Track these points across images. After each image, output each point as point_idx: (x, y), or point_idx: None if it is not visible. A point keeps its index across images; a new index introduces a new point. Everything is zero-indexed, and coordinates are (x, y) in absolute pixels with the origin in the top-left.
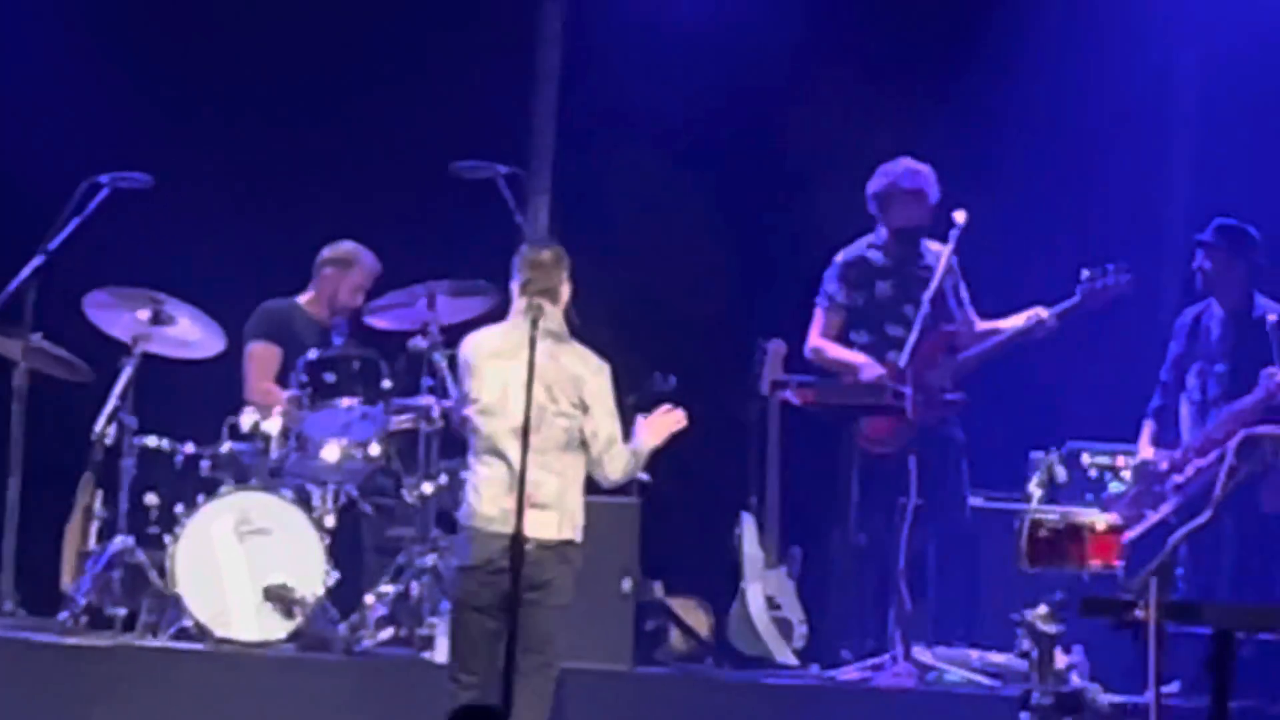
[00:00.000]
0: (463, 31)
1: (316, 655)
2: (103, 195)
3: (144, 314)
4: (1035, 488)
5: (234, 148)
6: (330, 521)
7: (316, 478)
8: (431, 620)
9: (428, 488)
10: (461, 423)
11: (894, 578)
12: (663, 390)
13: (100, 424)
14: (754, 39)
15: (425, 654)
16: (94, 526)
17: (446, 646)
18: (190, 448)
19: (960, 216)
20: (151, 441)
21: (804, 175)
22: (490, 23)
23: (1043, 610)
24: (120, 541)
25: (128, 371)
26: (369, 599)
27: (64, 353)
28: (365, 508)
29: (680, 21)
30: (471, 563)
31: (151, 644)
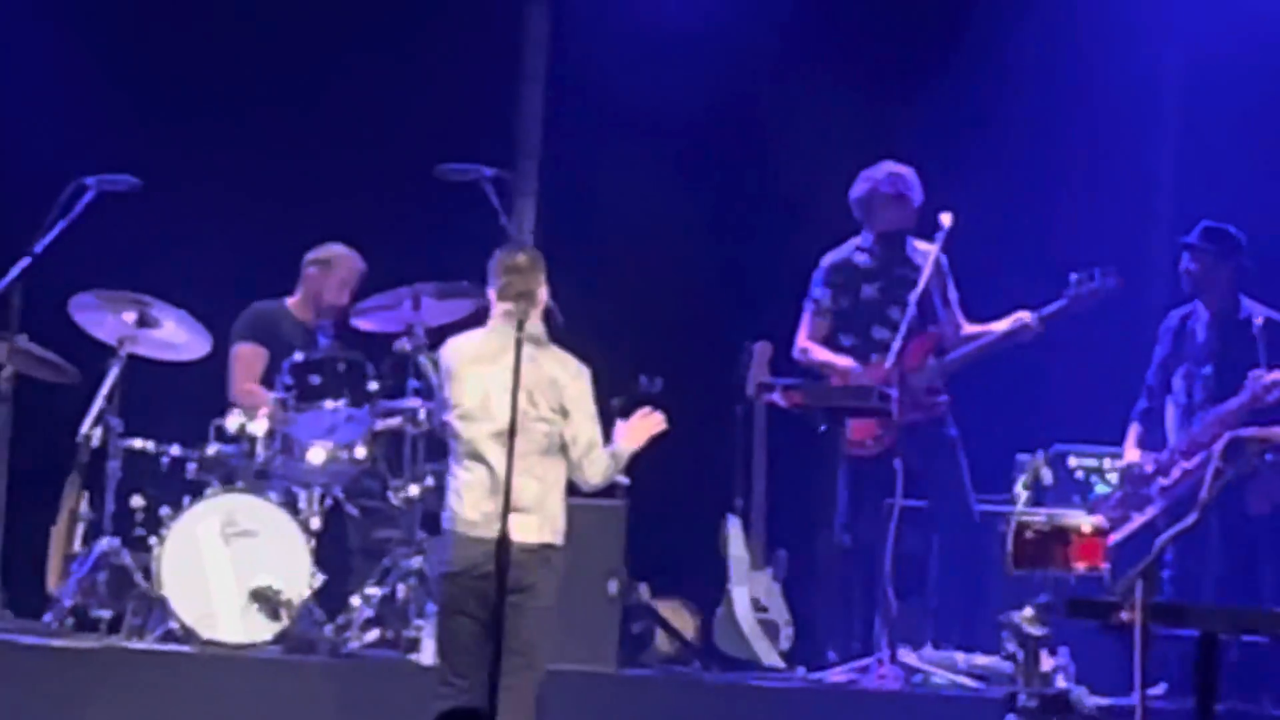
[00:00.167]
0: (449, 33)
1: (302, 657)
2: (89, 197)
3: (130, 316)
4: (1021, 490)
5: (220, 150)
6: (316, 524)
7: (302, 480)
8: (417, 622)
9: (414, 490)
10: (442, 428)
11: (880, 580)
12: (648, 392)
13: (86, 426)
14: (740, 41)
15: (411, 656)
16: (80, 528)
17: (433, 649)
18: (176, 450)
19: (946, 219)
20: (137, 444)
21: (790, 177)
22: (476, 25)
23: (1028, 612)
24: (106, 543)
25: (113, 374)
26: (355, 601)
27: (50, 355)
28: (351, 510)
29: (667, 23)
30: (455, 568)
31: (137, 646)
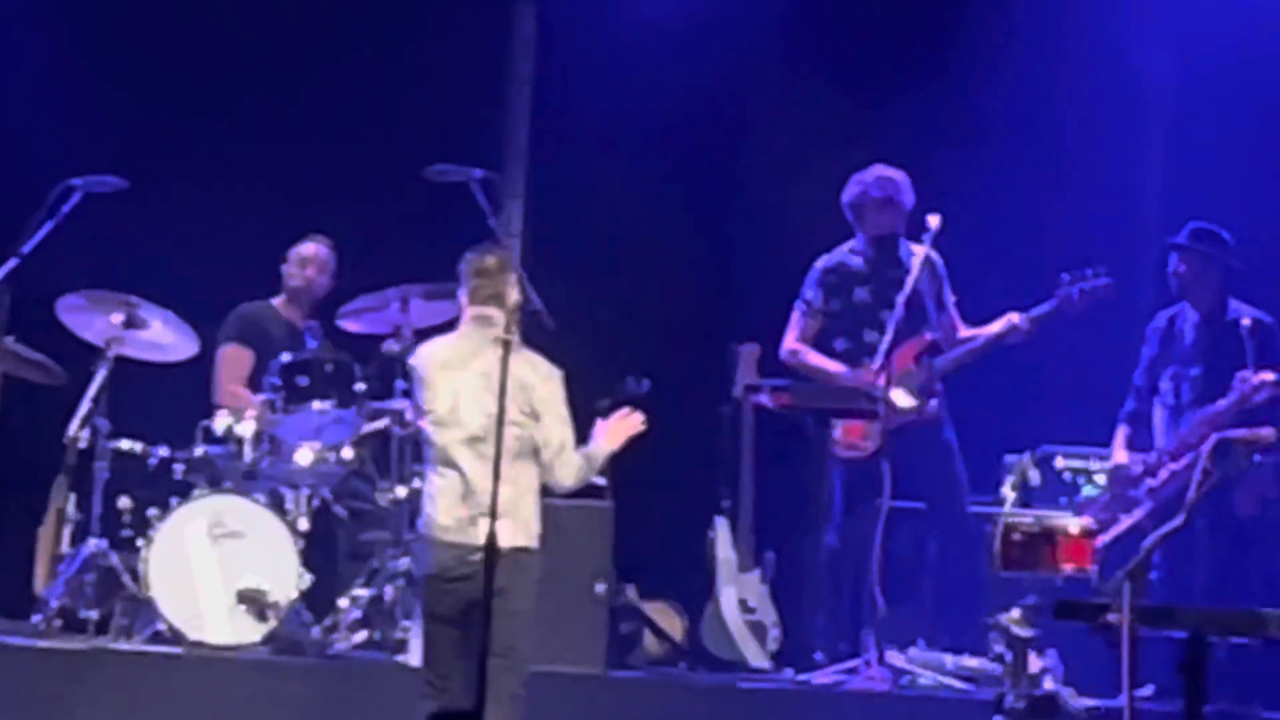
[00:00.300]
0: (437, 35)
1: (290, 659)
2: (76, 199)
3: (117, 317)
4: (1009, 491)
5: (208, 151)
6: (304, 525)
7: (290, 481)
8: (405, 624)
9: (401, 491)
10: (416, 433)
11: (868, 581)
12: (636, 394)
13: (73, 427)
14: (728, 43)
15: (399, 657)
16: (67, 530)
17: (420, 650)
18: (164, 451)
19: (934, 220)
20: (125, 445)
21: (778, 178)
22: (464, 26)
23: (1016, 614)
24: (93, 545)
25: (101, 375)
26: (342, 602)
27: (37, 356)
28: (339, 511)
29: (654, 25)
30: (430, 571)
31: (125, 647)
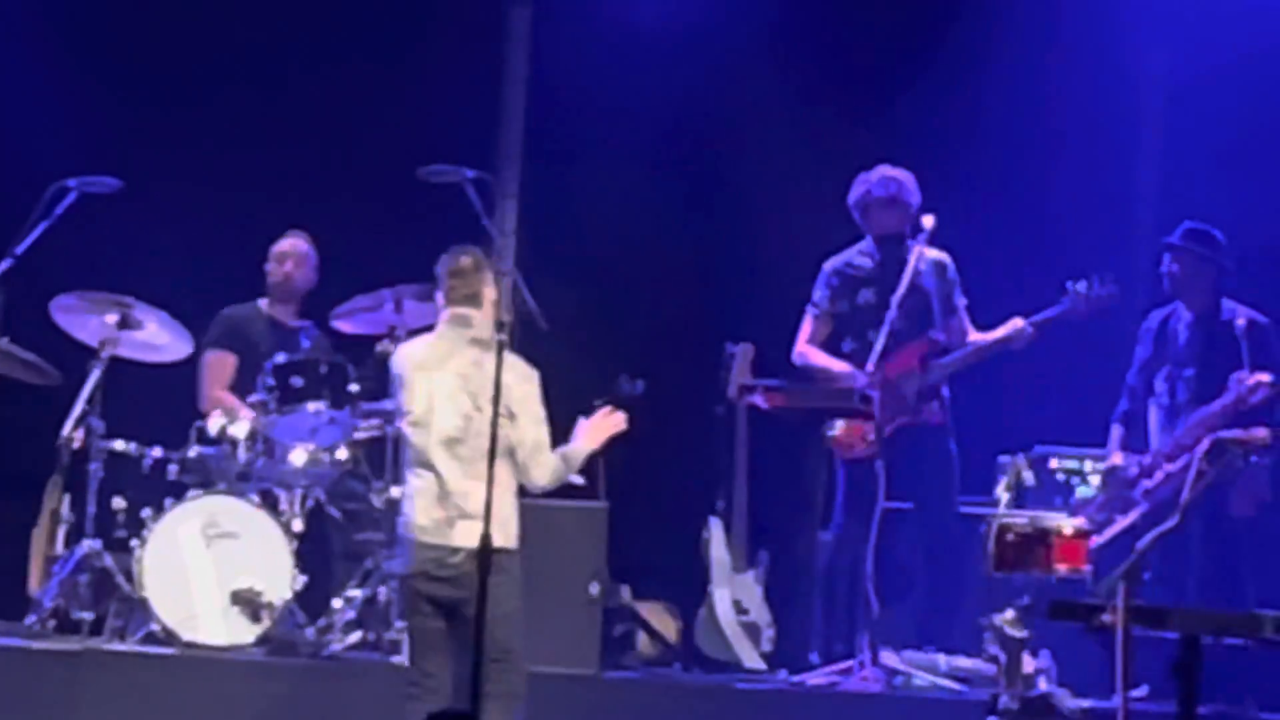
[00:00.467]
0: (430, 35)
1: (284, 659)
2: (70, 199)
3: (111, 318)
4: (1003, 492)
5: (201, 152)
6: (298, 526)
7: (284, 482)
8: (399, 625)
9: (395, 492)
10: (397, 433)
11: (857, 582)
12: (630, 394)
13: (67, 428)
14: (722, 43)
15: (393, 658)
16: (61, 530)
17: None
18: (158, 452)
19: (929, 221)
20: (119, 445)
21: (772, 178)
22: (458, 27)
23: (1010, 615)
24: (87, 545)
25: (95, 375)
26: (336, 603)
27: (31, 356)
28: (333, 512)
29: (648, 24)
30: (409, 572)
31: (119, 648)
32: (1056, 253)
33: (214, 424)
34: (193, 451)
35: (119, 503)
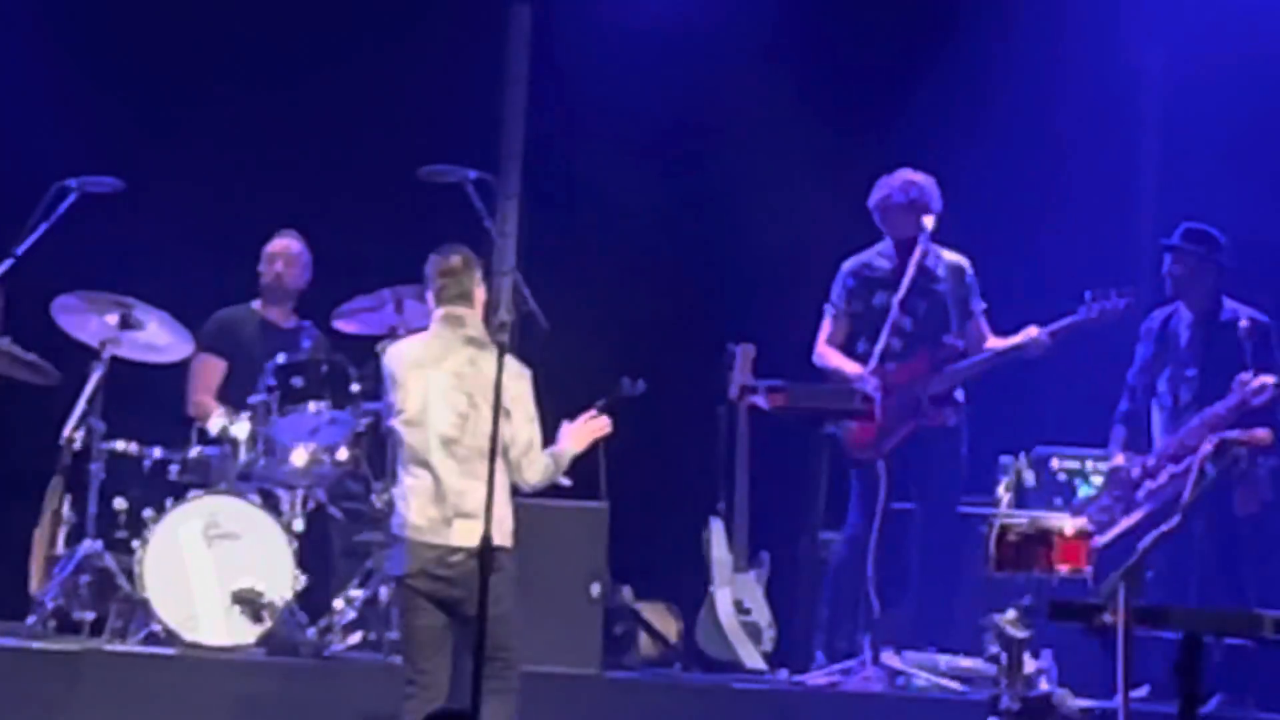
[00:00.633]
0: (431, 35)
1: (285, 660)
2: (71, 199)
3: (112, 318)
4: (1003, 492)
5: (202, 152)
6: (299, 526)
7: (285, 482)
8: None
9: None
10: (389, 433)
11: (863, 583)
12: (631, 394)
13: (68, 428)
14: (724, 43)
15: (394, 658)
16: (62, 531)
17: None
18: (158, 452)
19: (929, 220)
20: (120, 446)
21: (774, 178)
22: (460, 26)
23: (1011, 615)
24: (88, 546)
25: (96, 376)
26: (338, 603)
27: (32, 356)
28: (334, 512)
29: (649, 24)
30: (407, 571)
31: (120, 648)
32: (1055, 252)
33: (215, 424)
34: (194, 452)
35: (120, 503)
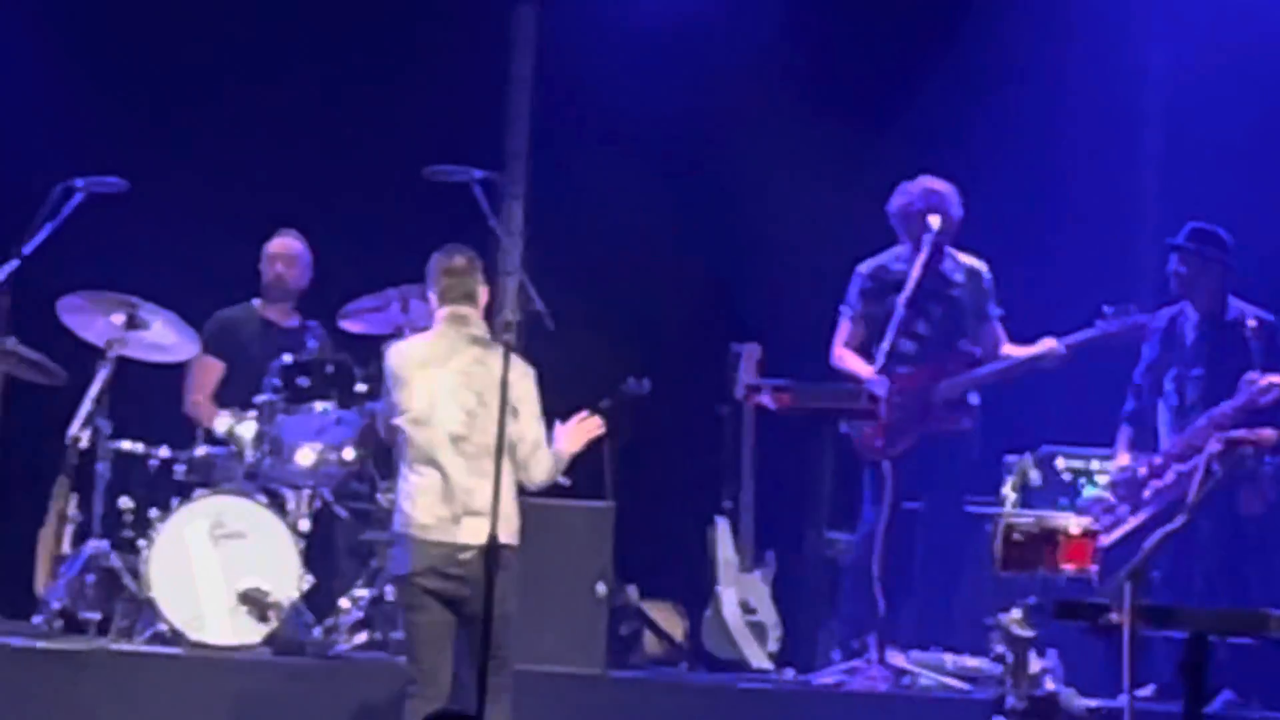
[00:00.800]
0: (437, 35)
1: (291, 659)
2: (77, 199)
3: (118, 318)
4: (1009, 491)
5: (208, 151)
6: (305, 525)
7: (291, 481)
8: None
9: None
10: (389, 432)
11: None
12: (637, 394)
13: (75, 428)
14: (728, 43)
15: (400, 658)
16: (68, 530)
17: None
18: (165, 451)
19: (935, 220)
20: (126, 445)
21: (779, 178)
22: (465, 26)
23: (1017, 614)
24: (94, 545)
25: (102, 375)
26: (344, 603)
27: (38, 356)
28: (340, 511)
29: (654, 25)
30: (413, 570)
31: (126, 648)
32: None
33: (221, 424)
34: (200, 451)
35: (126, 502)
